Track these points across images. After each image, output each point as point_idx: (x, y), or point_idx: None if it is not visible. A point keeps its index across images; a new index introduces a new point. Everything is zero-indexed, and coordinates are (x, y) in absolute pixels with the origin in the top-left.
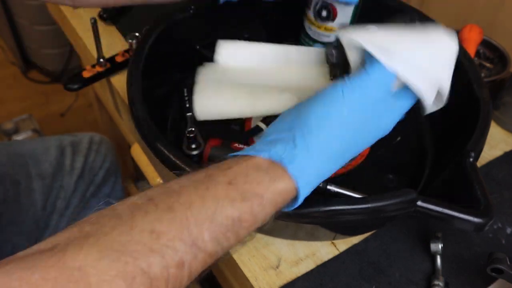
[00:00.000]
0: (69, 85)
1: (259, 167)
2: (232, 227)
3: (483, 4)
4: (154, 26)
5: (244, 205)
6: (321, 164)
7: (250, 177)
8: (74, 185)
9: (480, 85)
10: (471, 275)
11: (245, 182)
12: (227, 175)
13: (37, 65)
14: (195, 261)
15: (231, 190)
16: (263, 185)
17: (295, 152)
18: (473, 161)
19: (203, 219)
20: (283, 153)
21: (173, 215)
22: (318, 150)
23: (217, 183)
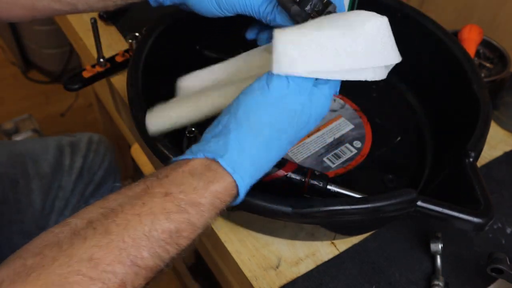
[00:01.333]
0: (69, 85)
1: (194, 171)
2: (170, 240)
3: (483, 4)
4: (154, 26)
5: (181, 216)
6: (256, 153)
7: (186, 184)
8: (73, 185)
9: (480, 85)
10: (471, 275)
11: (181, 191)
12: (163, 185)
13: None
14: (137, 278)
15: (167, 202)
16: (199, 191)
17: (227, 145)
18: (473, 161)
19: (140, 238)
20: (216, 148)
21: (110, 238)
22: (249, 140)
23: (153, 196)
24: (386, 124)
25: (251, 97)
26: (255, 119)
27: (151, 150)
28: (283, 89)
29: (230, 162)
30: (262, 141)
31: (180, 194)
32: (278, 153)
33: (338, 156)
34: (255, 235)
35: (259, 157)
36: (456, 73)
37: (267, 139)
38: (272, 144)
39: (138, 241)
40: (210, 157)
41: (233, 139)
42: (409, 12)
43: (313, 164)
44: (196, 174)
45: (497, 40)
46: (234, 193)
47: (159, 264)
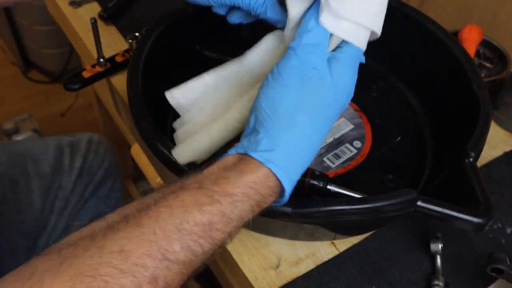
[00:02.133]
0: (69, 85)
1: (227, 165)
2: (203, 233)
3: (483, 4)
4: (154, 26)
5: (213, 208)
6: (290, 141)
7: (219, 178)
8: (72, 185)
9: (480, 85)
10: (471, 275)
11: (213, 183)
12: (197, 181)
13: (37, 65)
14: (169, 273)
15: (199, 195)
16: (231, 182)
17: (257, 139)
18: (473, 161)
19: (170, 231)
20: (247, 144)
21: (141, 231)
22: (278, 129)
23: (186, 190)
24: (386, 124)
25: (266, 88)
26: (278, 108)
27: (151, 150)
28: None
29: (262, 153)
30: (293, 128)
31: (212, 186)
32: (315, 139)
33: (338, 156)
34: (255, 235)
35: (295, 146)
36: (456, 73)
37: (297, 124)
38: (304, 128)
39: (169, 233)
40: (241, 152)
41: (262, 132)
42: (409, 12)
43: (313, 164)
44: (229, 166)
45: (497, 40)
46: (273, 186)
47: (192, 259)
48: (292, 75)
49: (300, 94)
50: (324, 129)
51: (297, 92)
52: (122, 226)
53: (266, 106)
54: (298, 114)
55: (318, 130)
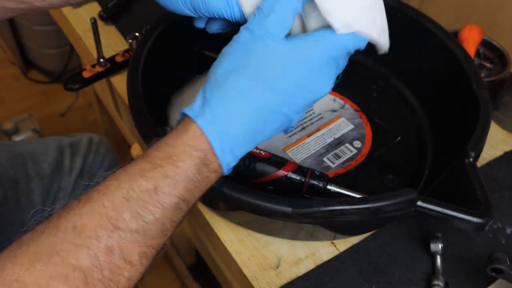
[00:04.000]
0: (69, 85)
1: (174, 132)
2: (150, 198)
3: (483, 4)
4: (154, 26)
5: (156, 172)
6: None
7: (160, 143)
8: (72, 186)
9: (480, 85)
10: (471, 275)
11: (156, 149)
12: (146, 152)
13: (37, 65)
14: (123, 242)
15: (143, 163)
16: (169, 144)
17: (204, 104)
18: (473, 161)
19: (119, 201)
20: (194, 107)
21: (90, 205)
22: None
23: (135, 162)
24: (386, 124)
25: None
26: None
27: None
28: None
29: (193, 110)
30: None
31: (154, 152)
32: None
33: (338, 156)
34: (255, 235)
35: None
36: (456, 73)
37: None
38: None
39: (118, 203)
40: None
41: (201, 92)
42: (409, 12)
43: (313, 164)
44: (174, 133)
45: (497, 40)
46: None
47: (145, 226)
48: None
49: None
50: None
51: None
52: (74, 205)
53: (212, 68)
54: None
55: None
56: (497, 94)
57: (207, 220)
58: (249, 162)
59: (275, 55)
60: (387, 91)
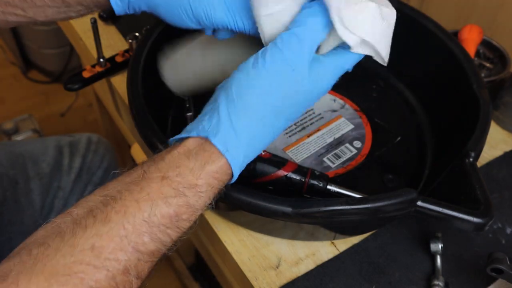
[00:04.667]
0: (69, 85)
1: (189, 152)
2: (170, 224)
3: (483, 4)
4: (154, 26)
5: (179, 200)
6: (250, 132)
7: (182, 167)
8: (72, 185)
9: (480, 85)
10: (471, 275)
11: (178, 174)
12: (160, 169)
13: (37, 65)
14: (140, 263)
15: (164, 187)
16: (195, 173)
17: (220, 124)
18: (473, 161)
19: (140, 224)
20: (209, 126)
21: (109, 226)
22: (242, 118)
23: (150, 181)
24: (386, 124)
25: (245, 72)
26: (248, 97)
27: (151, 150)
28: (279, 63)
29: (223, 141)
30: (256, 119)
31: (177, 177)
32: (274, 131)
33: (338, 156)
34: (255, 235)
35: (254, 136)
36: (456, 73)
37: (261, 117)
38: (267, 122)
39: (138, 227)
40: (203, 136)
41: (225, 117)
42: (409, 12)
43: (313, 164)
44: (192, 155)
45: (497, 40)
46: (230, 172)
47: (161, 248)
48: (270, 70)
49: (271, 90)
50: (286, 124)
51: (270, 87)
52: (90, 222)
53: (236, 91)
54: (265, 108)
55: (279, 126)
56: (497, 94)
57: (207, 220)
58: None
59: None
60: (387, 91)
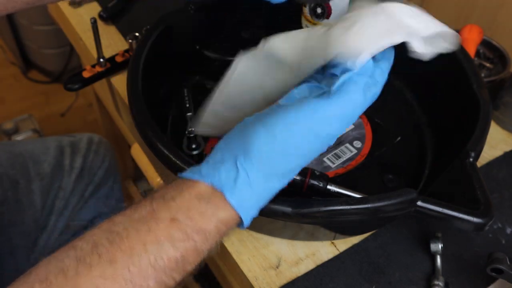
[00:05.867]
0: (69, 85)
1: (202, 196)
2: (176, 267)
3: (483, 4)
4: (154, 26)
5: (188, 244)
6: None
7: (193, 210)
8: (72, 185)
9: (480, 85)
10: (471, 275)
11: (188, 217)
12: (170, 210)
13: (37, 65)
14: None
15: (173, 229)
16: (206, 218)
17: (237, 180)
18: (473, 161)
19: (145, 267)
20: (225, 178)
21: (115, 267)
22: (259, 178)
23: (159, 221)
24: (386, 124)
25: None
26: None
27: (151, 150)
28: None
29: (237, 198)
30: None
31: (186, 220)
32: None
33: (338, 156)
34: (255, 235)
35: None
36: (456, 73)
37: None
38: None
39: (144, 270)
40: (218, 188)
41: (243, 174)
42: None
43: (313, 164)
44: (204, 199)
45: (497, 40)
46: (240, 220)
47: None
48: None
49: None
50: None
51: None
52: (94, 261)
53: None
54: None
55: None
56: (497, 94)
57: None
58: None
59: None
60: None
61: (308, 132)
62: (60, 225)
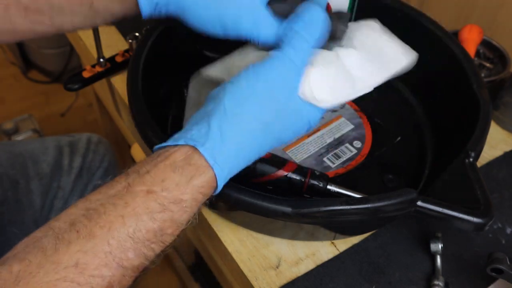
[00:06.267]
0: (69, 85)
1: (175, 165)
2: (155, 238)
3: (483, 4)
4: (154, 26)
5: (165, 215)
6: (238, 144)
7: (167, 181)
8: (72, 185)
9: (480, 85)
10: (471, 275)
11: (163, 189)
12: (145, 182)
13: (37, 65)
14: (124, 279)
15: (149, 201)
16: (181, 188)
17: (209, 133)
18: (473, 161)
19: (124, 240)
20: (197, 135)
21: (94, 242)
22: (232, 129)
23: (135, 195)
24: (386, 124)
25: (237, 85)
26: (239, 109)
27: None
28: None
29: (211, 151)
30: (245, 132)
31: (162, 192)
32: (261, 147)
33: (338, 156)
34: (255, 235)
35: (241, 149)
36: (456, 73)
37: (251, 131)
38: (256, 137)
39: (123, 243)
40: (191, 145)
41: (215, 127)
42: (409, 12)
43: (313, 164)
44: (177, 168)
45: (497, 40)
46: (215, 185)
47: (145, 262)
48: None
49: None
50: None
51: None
52: (73, 238)
53: (228, 103)
54: (255, 121)
55: (267, 144)
56: (497, 94)
57: (207, 220)
58: None
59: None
60: (387, 91)
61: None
62: None
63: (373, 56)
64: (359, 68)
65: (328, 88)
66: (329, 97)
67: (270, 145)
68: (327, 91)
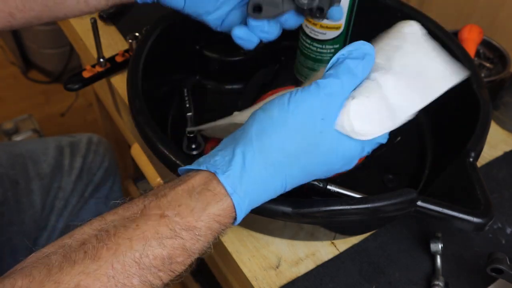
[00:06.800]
0: (69, 85)
1: (193, 190)
2: (162, 266)
3: (483, 4)
4: (154, 26)
5: (175, 242)
6: (261, 176)
7: (183, 206)
8: (72, 185)
9: (480, 85)
10: (471, 275)
11: (176, 213)
12: (160, 206)
13: (37, 65)
14: None
15: (161, 226)
16: (196, 214)
17: (232, 161)
18: (473, 161)
19: (130, 265)
20: (220, 162)
21: (98, 264)
22: (256, 160)
23: (148, 218)
24: None
25: (268, 114)
26: (267, 140)
27: (151, 150)
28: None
29: (231, 180)
30: (269, 164)
31: (175, 217)
32: (288, 180)
33: None
34: (255, 235)
35: (264, 181)
36: None
37: (276, 163)
38: (282, 170)
39: (128, 267)
40: (211, 171)
41: (239, 155)
42: (409, 12)
43: None
44: (195, 193)
45: (497, 40)
46: (233, 216)
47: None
48: (298, 114)
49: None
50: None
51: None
52: (79, 258)
53: (256, 132)
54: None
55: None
56: (497, 94)
57: None
58: None
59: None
60: None
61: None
62: (60, 225)
63: (416, 80)
64: (400, 96)
65: (368, 120)
66: (369, 129)
67: (300, 178)
68: (367, 123)
